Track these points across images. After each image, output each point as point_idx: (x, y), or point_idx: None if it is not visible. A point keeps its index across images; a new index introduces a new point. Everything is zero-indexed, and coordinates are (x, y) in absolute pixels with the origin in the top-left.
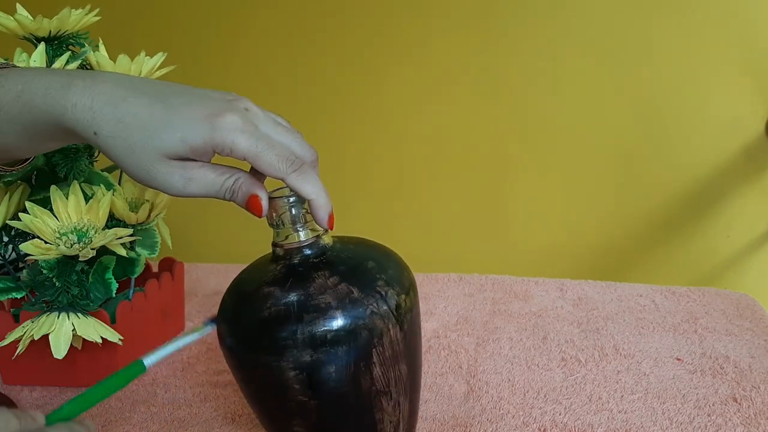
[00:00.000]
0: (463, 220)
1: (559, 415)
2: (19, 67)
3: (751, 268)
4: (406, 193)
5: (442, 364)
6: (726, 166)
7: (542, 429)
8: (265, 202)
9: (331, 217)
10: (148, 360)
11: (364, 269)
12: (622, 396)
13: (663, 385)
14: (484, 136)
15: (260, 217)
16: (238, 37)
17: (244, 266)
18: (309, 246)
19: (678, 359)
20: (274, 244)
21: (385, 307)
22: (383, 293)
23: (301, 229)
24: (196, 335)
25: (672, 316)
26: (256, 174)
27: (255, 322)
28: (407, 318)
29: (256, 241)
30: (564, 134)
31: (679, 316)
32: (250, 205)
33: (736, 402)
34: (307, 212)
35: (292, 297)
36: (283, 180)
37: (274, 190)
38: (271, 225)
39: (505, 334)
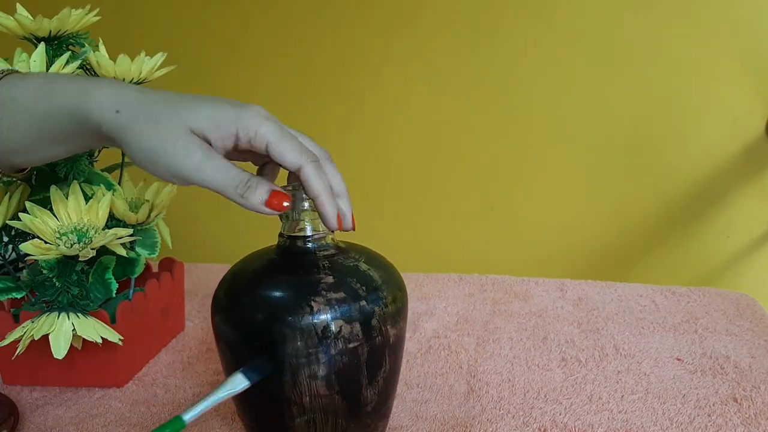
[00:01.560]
0: (463, 220)
1: (560, 415)
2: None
3: (751, 268)
4: (406, 193)
5: (442, 364)
6: (726, 166)
7: (542, 429)
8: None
9: (339, 219)
10: (187, 416)
11: (313, 281)
12: (622, 396)
13: (663, 385)
14: (485, 136)
15: (282, 211)
16: (237, 37)
17: None
18: (313, 240)
19: (678, 359)
20: (280, 234)
21: (306, 322)
22: (315, 309)
23: (307, 224)
24: (229, 391)
25: (672, 316)
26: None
27: (234, 287)
28: (336, 347)
29: (255, 242)
30: (564, 134)
31: (679, 316)
32: (273, 198)
33: (737, 402)
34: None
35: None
36: (299, 170)
37: (285, 186)
38: (280, 217)
39: (506, 334)
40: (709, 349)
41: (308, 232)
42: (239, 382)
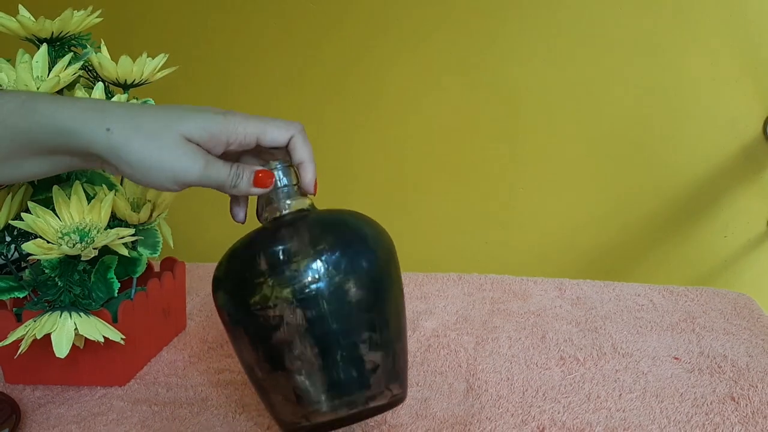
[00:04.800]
0: (462, 220)
1: (558, 413)
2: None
3: (749, 268)
4: (406, 193)
5: (442, 362)
6: (724, 166)
7: (541, 427)
8: (270, 177)
9: (315, 183)
10: None
11: (300, 237)
12: (620, 395)
13: (661, 384)
14: (484, 136)
15: (269, 188)
16: (239, 37)
17: None
18: (293, 214)
19: (676, 358)
20: (263, 221)
21: (297, 274)
22: (306, 263)
23: (286, 202)
24: None
25: (670, 315)
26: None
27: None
28: (330, 294)
29: None
30: (563, 133)
31: (677, 315)
32: (258, 180)
33: (734, 401)
34: (294, 185)
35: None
36: (290, 139)
37: (264, 165)
38: (258, 207)
39: (504, 333)
40: (706, 348)
41: (287, 210)
42: None
